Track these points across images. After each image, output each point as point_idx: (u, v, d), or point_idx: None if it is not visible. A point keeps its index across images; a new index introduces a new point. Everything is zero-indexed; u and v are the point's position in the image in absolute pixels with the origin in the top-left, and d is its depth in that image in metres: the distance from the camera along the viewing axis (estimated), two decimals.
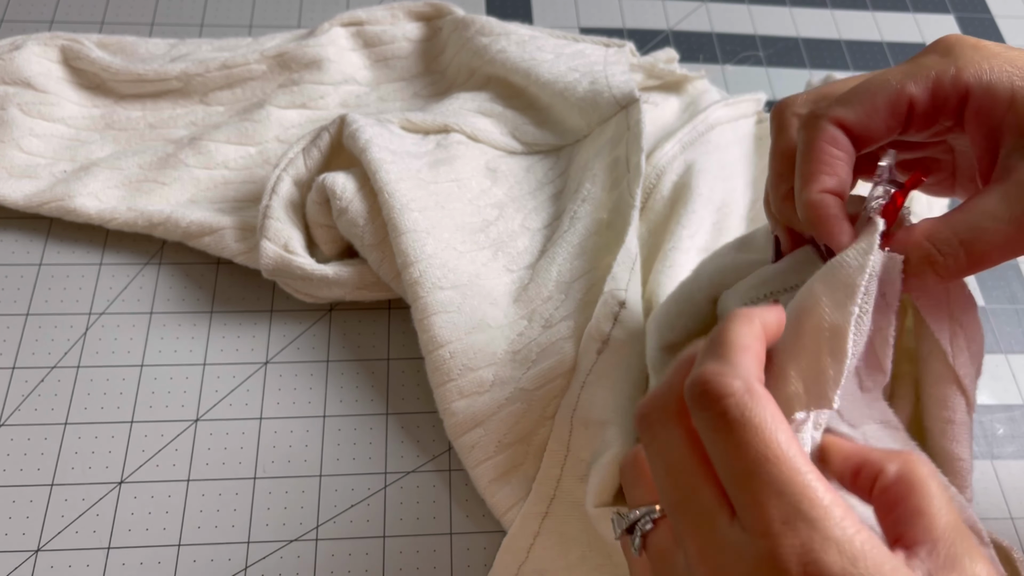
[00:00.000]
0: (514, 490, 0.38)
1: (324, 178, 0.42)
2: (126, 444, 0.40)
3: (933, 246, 0.26)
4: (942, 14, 0.62)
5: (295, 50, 0.51)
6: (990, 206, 0.25)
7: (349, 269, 0.43)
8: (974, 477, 0.42)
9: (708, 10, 0.60)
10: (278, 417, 0.41)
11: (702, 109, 0.49)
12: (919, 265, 0.26)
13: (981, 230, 0.25)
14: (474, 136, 0.47)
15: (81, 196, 0.45)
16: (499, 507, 0.38)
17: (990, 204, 0.25)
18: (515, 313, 0.41)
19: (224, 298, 0.45)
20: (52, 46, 0.50)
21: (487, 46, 0.50)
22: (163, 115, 0.50)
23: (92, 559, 0.37)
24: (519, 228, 0.45)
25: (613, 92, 0.46)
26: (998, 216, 0.25)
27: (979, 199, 0.26)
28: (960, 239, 0.26)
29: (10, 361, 0.42)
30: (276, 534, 0.38)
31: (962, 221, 0.26)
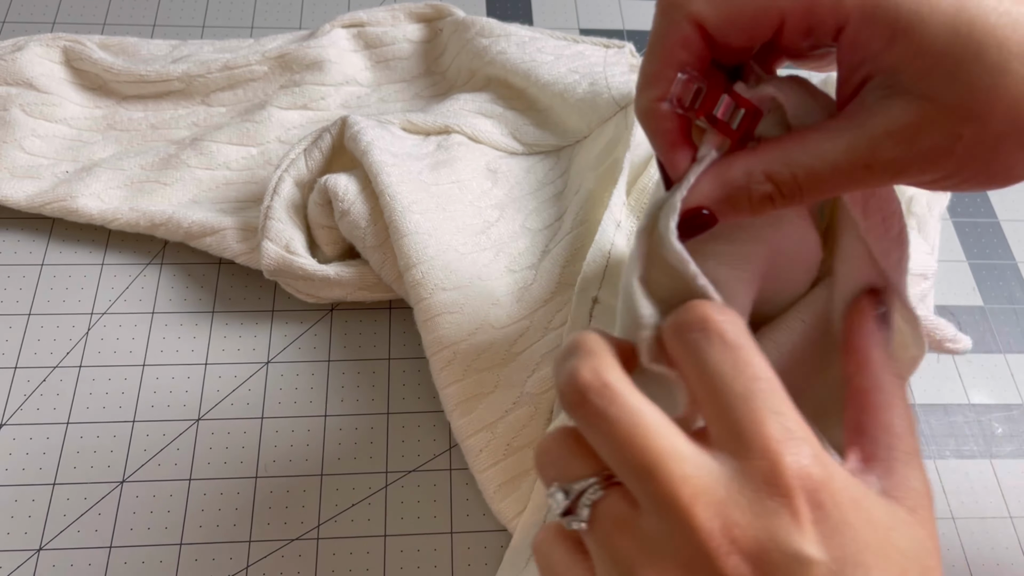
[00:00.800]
0: (522, 496, 0.38)
1: (326, 180, 0.42)
2: (128, 443, 0.40)
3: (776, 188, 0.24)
4: None
5: (296, 51, 0.51)
6: (835, 154, 0.23)
7: (350, 270, 0.43)
8: (973, 477, 0.42)
9: None
10: (279, 417, 0.41)
11: None
12: (760, 203, 0.24)
13: (820, 178, 0.24)
14: (475, 137, 0.47)
15: (83, 196, 0.45)
16: (506, 513, 0.38)
17: (835, 151, 0.23)
18: (518, 314, 0.42)
19: (225, 298, 0.45)
20: (54, 47, 0.50)
21: (487, 47, 0.50)
22: (165, 116, 0.51)
23: (94, 558, 0.37)
24: (520, 229, 0.45)
25: (612, 93, 0.46)
26: (838, 166, 0.23)
27: (824, 140, 0.24)
28: (798, 181, 0.24)
29: (12, 361, 0.42)
30: (277, 533, 0.38)
31: (804, 165, 0.24)
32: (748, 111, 0.25)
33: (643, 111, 0.26)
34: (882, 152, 0.23)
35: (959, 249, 0.51)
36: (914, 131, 0.23)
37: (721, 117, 0.25)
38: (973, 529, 0.41)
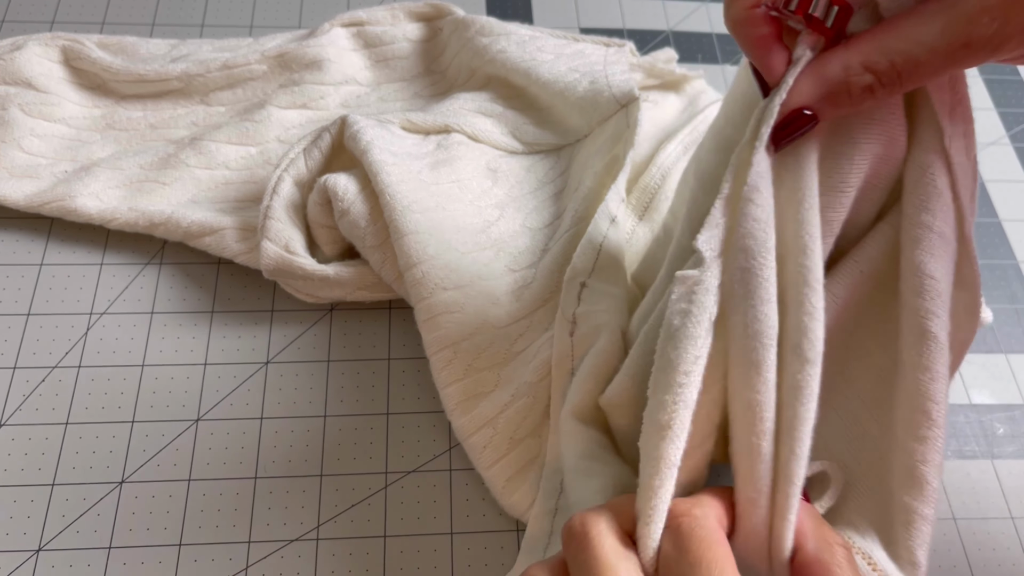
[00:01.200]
0: (532, 487, 0.38)
1: (326, 179, 0.42)
2: (127, 444, 0.40)
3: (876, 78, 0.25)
4: None
5: (296, 50, 0.51)
6: (931, 38, 0.24)
7: (350, 269, 0.43)
8: (974, 477, 0.42)
9: (708, 10, 0.60)
10: (279, 417, 0.41)
11: (701, 109, 0.49)
12: (861, 94, 0.25)
13: (919, 63, 0.24)
14: (475, 136, 0.47)
15: (82, 196, 0.45)
16: (519, 506, 0.38)
17: (932, 35, 0.24)
18: (518, 312, 0.42)
19: (225, 298, 0.45)
20: (53, 46, 0.50)
21: (487, 46, 0.50)
22: (164, 115, 0.50)
23: (93, 559, 0.37)
24: (520, 228, 0.45)
25: (613, 91, 0.46)
26: (936, 49, 0.24)
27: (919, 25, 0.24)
28: (897, 69, 0.24)
29: (11, 361, 0.42)
30: (277, 534, 0.38)
31: (901, 51, 0.24)
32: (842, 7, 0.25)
33: (736, 19, 0.26)
34: (980, 29, 0.23)
35: None
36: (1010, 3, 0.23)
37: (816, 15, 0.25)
38: (974, 530, 0.41)
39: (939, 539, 0.40)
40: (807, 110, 0.25)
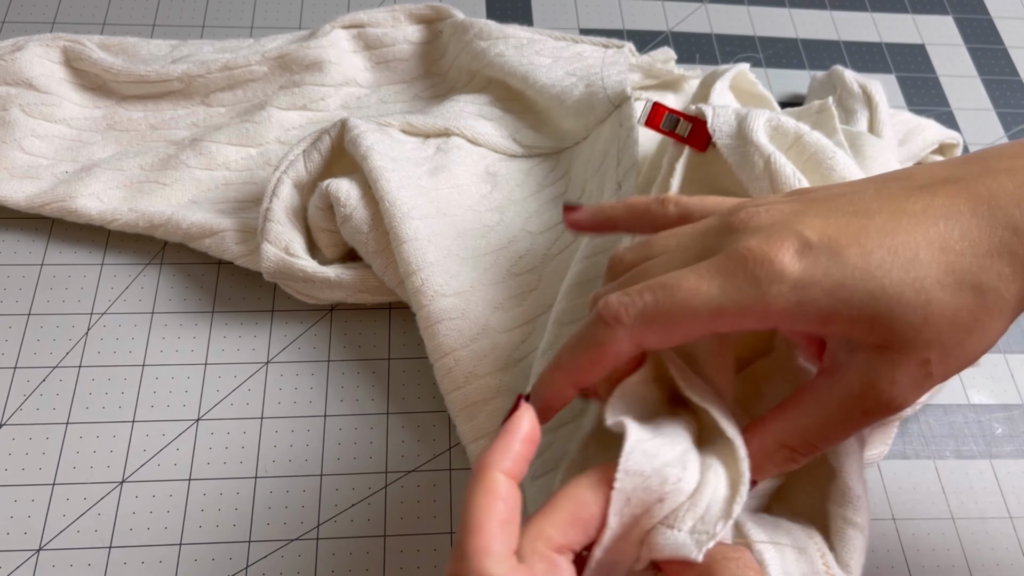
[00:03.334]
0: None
1: (328, 184, 0.42)
2: (127, 444, 0.40)
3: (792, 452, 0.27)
4: (941, 15, 0.62)
5: (296, 52, 0.51)
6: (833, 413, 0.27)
7: (351, 272, 0.43)
8: (973, 477, 0.42)
9: (707, 11, 0.60)
10: (279, 417, 0.41)
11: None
12: (782, 466, 0.28)
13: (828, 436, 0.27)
14: (475, 140, 0.47)
15: (83, 197, 0.45)
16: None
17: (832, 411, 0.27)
18: (521, 317, 0.42)
19: (225, 298, 0.45)
20: (54, 47, 0.50)
21: (485, 50, 0.50)
22: (164, 116, 0.51)
23: (93, 558, 0.37)
24: (520, 232, 0.45)
25: (607, 93, 0.46)
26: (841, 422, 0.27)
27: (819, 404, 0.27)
28: (810, 442, 0.27)
29: (12, 361, 0.42)
30: (277, 533, 0.38)
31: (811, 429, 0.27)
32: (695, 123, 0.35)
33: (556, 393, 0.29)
34: (870, 399, 0.26)
35: None
36: (891, 374, 0.26)
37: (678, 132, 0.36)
38: (973, 529, 0.41)
39: (937, 539, 0.40)
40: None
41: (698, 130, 0.37)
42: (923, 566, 0.40)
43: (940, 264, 0.25)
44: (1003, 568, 0.40)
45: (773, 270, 0.25)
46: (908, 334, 0.25)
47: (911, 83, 0.58)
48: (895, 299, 0.25)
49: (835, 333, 0.26)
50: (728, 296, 0.25)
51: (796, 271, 0.25)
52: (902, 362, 0.25)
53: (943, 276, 0.25)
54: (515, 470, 0.25)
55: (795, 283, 0.25)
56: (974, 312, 0.25)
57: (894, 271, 0.25)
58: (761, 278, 0.25)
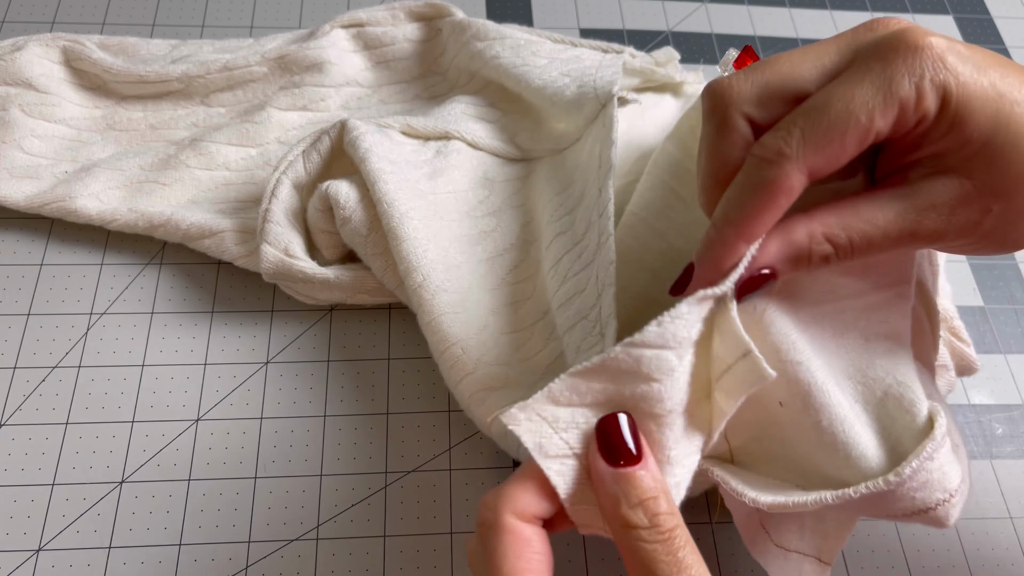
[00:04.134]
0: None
1: (328, 186, 0.42)
2: (127, 444, 0.40)
3: (834, 249, 0.27)
4: (941, 15, 0.62)
5: (296, 52, 0.51)
6: (885, 222, 0.27)
7: (351, 273, 0.43)
8: (973, 477, 0.42)
9: (708, 11, 0.60)
10: (278, 417, 0.41)
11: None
12: (819, 262, 0.27)
13: (872, 242, 0.27)
14: (474, 143, 0.47)
15: (82, 197, 0.45)
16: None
17: (886, 219, 0.27)
18: (518, 324, 0.41)
19: (225, 298, 0.45)
20: (53, 47, 0.50)
21: (482, 51, 0.50)
22: (164, 116, 0.50)
23: (93, 559, 0.37)
24: (516, 240, 0.45)
25: (597, 92, 0.46)
26: (888, 233, 0.27)
27: (875, 208, 0.27)
28: (853, 243, 0.27)
29: (11, 361, 0.42)
30: (276, 534, 0.38)
31: (859, 230, 0.27)
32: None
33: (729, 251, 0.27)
34: (926, 222, 0.27)
35: None
36: (954, 205, 0.26)
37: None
38: (973, 530, 0.41)
39: (938, 539, 0.40)
40: (767, 269, 0.27)
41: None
42: (923, 566, 0.39)
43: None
44: (1003, 568, 0.40)
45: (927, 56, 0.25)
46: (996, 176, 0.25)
47: None
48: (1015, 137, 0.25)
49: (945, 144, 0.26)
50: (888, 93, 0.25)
51: (951, 61, 0.25)
52: (972, 200, 0.26)
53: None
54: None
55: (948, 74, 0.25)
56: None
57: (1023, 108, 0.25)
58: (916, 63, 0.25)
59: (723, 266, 0.27)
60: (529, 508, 0.26)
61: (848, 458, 0.27)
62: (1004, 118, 0.25)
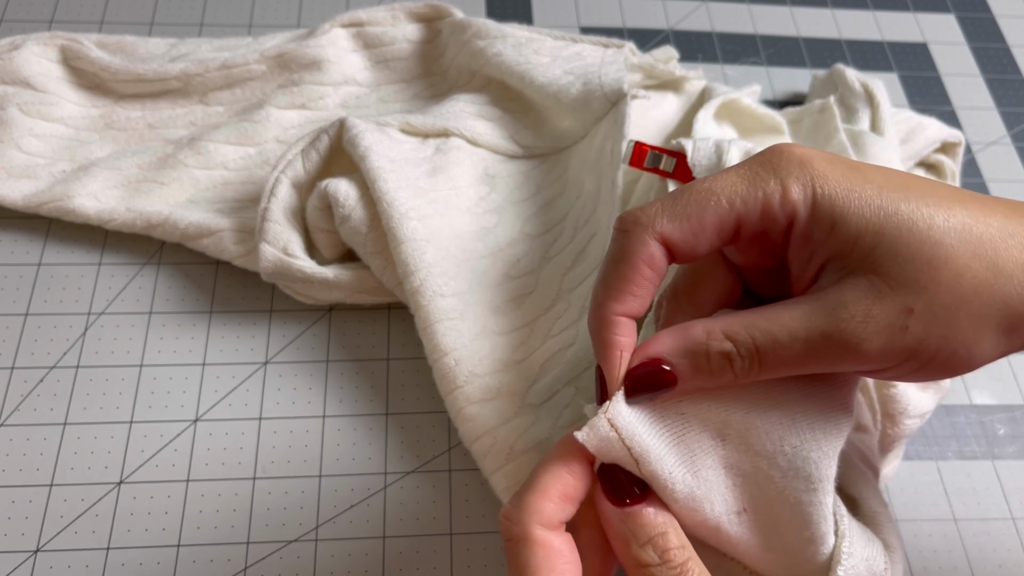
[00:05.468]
0: None
1: (327, 184, 0.42)
2: (125, 444, 0.40)
3: (735, 348, 0.25)
4: (943, 13, 0.62)
5: (295, 50, 0.51)
6: (792, 320, 0.25)
7: (350, 273, 0.43)
8: (975, 478, 0.42)
9: (708, 9, 0.60)
10: (278, 417, 0.41)
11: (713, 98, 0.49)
12: (719, 364, 0.25)
13: (778, 344, 0.25)
14: (474, 140, 0.47)
15: (80, 196, 0.45)
16: None
17: (793, 318, 0.25)
18: (518, 320, 0.41)
19: (224, 298, 0.45)
20: (51, 46, 0.50)
21: (483, 49, 0.50)
22: (162, 115, 0.50)
23: (91, 559, 0.37)
24: (518, 235, 0.45)
25: (604, 91, 0.46)
26: (796, 334, 0.24)
27: (783, 309, 0.25)
28: (757, 346, 0.25)
29: (9, 361, 0.42)
30: (276, 534, 0.38)
31: (762, 328, 0.25)
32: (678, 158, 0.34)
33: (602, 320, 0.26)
34: (839, 323, 0.24)
35: None
36: (868, 303, 0.24)
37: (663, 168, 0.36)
38: (975, 530, 0.40)
39: (940, 540, 0.40)
40: (666, 364, 0.25)
41: (682, 164, 0.37)
42: (925, 567, 0.39)
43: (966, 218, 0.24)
44: (1005, 569, 0.40)
45: (794, 159, 0.25)
46: (905, 267, 0.24)
47: (913, 82, 0.58)
48: (907, 225, 0.24)
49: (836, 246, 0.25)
50: (751, 183, 0.25)
51: (819, 166, 0.25)
52: (886, 296, 0.24)
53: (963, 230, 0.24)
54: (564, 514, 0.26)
55: (815, 175, 0.25)
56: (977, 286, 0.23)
57: (912, 199, 0.24)
58: (782, 166, 0.25)
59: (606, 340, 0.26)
60: (555, 516, 0.25)
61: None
62: (892, 208, 0.24)
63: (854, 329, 0.24)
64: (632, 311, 0.26)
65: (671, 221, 0.25)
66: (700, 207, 0.25)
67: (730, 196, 0.25)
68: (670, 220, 0.25)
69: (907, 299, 0.24)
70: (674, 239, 0.25)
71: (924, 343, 0.24)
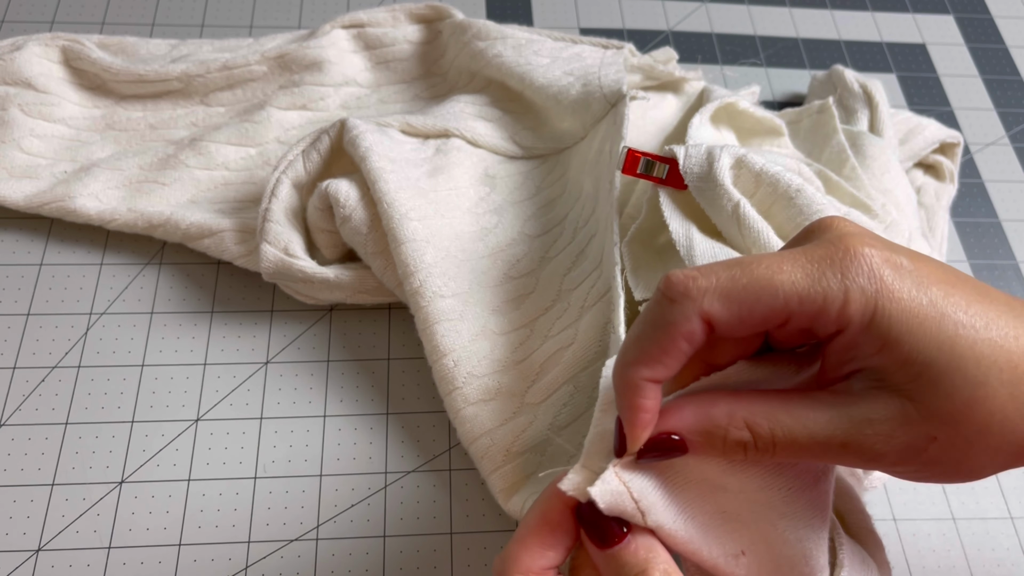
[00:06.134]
0: (524, 499, 0.38)
1: (327, 185, 0.42)
2: (127, 444, 0.40)
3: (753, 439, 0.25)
4: (942, 14, 0.62)
5: (296, 51, 0.51)
6: (814, 423, 0.24)
7: (351, 273, 0.43)
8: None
9: (708, 10, 0.60)
10: (278, 417, 0.41)
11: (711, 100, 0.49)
12: (733, 448, 0.25)
13: (796, 442, 0.25)
14: (474, 141, 0.47)
15: (81, 197, 0.45)
16: (516, 512, 0.38)
17: (816, 421, 0.24)
18: (518, 320, 0.41)
19: (224, 298, 0.45)
20: (53, 47, 0.50)
21: (483, 51, 0.50)
22: (164, 116, 0.50)
23: (92, 559, 0.37)
24: (518, 235, 0.45)
25: (604, 92, 0.46)
26: (816, 436, 0.24)
27: (807, 408, 0.25)
28: (775, 439, 0.25)
29: (11, 361, 0.42)
30: (276, 534, 0.38)
31: (784, 424, 0.25)
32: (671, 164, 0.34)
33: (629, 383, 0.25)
34: (860, 437, 0.24)
35: (960, 249, 0.51)
36: (894, 425, 0.24)
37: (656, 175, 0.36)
38: (974, 530, 0.41)
39: (938, 539, 0.40)
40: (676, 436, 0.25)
41: (675, 171, 0.37)
42: (924, 566, 0.39)
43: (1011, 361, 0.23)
44: (1004, 568, 0.40)
45: (864, 264, 0.24)
46: (942, 403, 0.23)
47: (912, 82, 0.58)
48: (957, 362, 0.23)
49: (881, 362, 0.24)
50: (813, 280, 0.24)
51: (888, 278, 0.24)
52: (913, 423, 0.24)
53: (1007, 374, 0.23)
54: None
55: (881, 289, 0.23)
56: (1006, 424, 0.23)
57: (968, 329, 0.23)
58: (851, 270, 0.24)
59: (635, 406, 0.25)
60: (535, 563, 0.26)
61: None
62: (948, 340, 0.23)
63: (873, 444, 0.24)
64: (660, 377, 0.25)
65: (721, 304, 0.24)
66: (755, 295, 0.24)
67: (788, 293, 0.24)
68: (720, 302, 0.24)
69: (933, 429, 0.24)
70: (719, 321, 0.24)
71: (937, 463, 0.24)
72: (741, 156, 0.36)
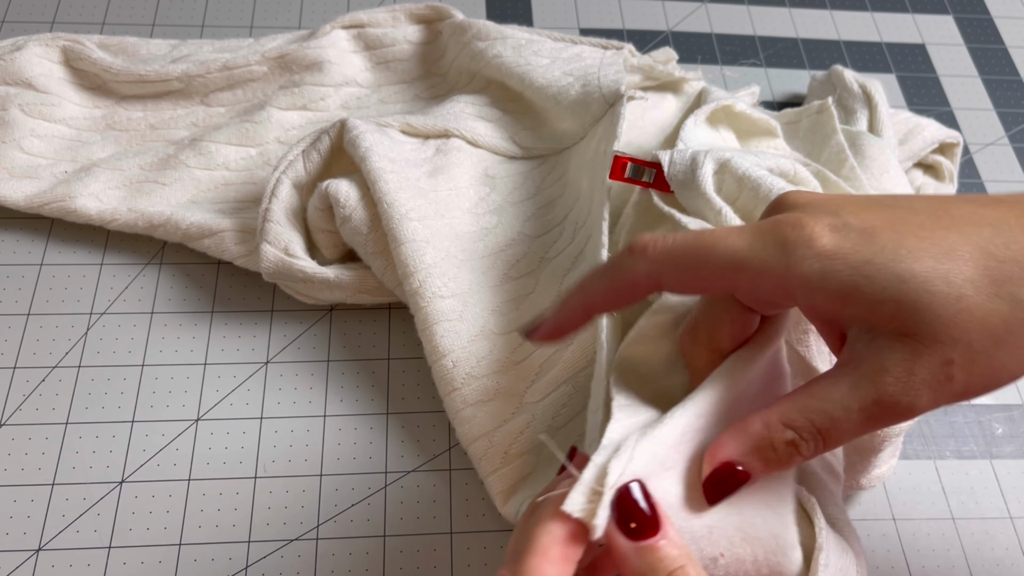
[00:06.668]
0: (521, 501, 0.38)
1: (328, 185, 0.42)
2: (127, 444, 0.40)
3: (796, 434, 0.26)
4: (941, 15, 0.62)
5: (296, 52, 0.51)
6: (841, 396, 0.25)
7: (351, 273, 0.43)
8: (973, 477, 0.42)
9: (707, 11, 0.60)
10: (278, 417, 0.41)
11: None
12: (787, 452, 0.26)
13: (835, 420, 0.25)
14: (474, 141, 0.47)
15: (82, 197, 0.45)
16: (509, 517, 0.38)
17: (841, 393, 0.25)
18: (518, 321, 0.41)
19: (225, 298, 0.45)
20: (53, 47, 0.50)
21: (483, 51, 0.50)
22: (164, 116, 0.50)
23: (93, 558, 0.37)
24: (518, 236, 0.45)
25: (603, 92, 0.46)
26: (850, 407, 0.25)
27: (829, 385, 0.26)
28: (817, 427, 0.25)
29: (11, 361, 0.42)
30: (276, 533, 0.38)
31: (816, 409, 0.25)
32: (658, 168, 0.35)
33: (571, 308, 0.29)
34: (886, 387, 0.24)
35: None
36: (908, 364, 0.24)
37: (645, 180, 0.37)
38: (973, 530, 0.41)
39: (938, 539, 0.40)
40: (739, 465, 0.26)
41: (661, 176, 0.37)
42: (923, 566, 0.39)
43: (978, 265, 0.24)
44: (1003, 568, 0.40)
45: (802, 235, 0.25)
46: (934, 325, 0.24)
47: (911, 83, 0.58)
48: (924, 286, 0.24)
49: (855, 315, 0.25)
50: (753, 251, 0.25)
51: (825, 241, 0.25)
52: (923, 354, 0.24)
53: (979, 277, 0.24)
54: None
55: (820, 251, 0.25)
56: (1008, 322, 0.24)
57: (926, 259, 0.24)
58: (789, 241, 0.25)
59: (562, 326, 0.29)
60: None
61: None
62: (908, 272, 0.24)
63: (902, 391, 0.24)
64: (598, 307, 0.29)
65: (670, 265, 0.27)
66: (700, 261, 0.26)
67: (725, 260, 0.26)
68: (670, 264, 0.27)
69: (944, 352, 0.24)
70: (666, 279, 0.27)
71: (971, 386, 0.24)
72: (725, 161, 0.36)
